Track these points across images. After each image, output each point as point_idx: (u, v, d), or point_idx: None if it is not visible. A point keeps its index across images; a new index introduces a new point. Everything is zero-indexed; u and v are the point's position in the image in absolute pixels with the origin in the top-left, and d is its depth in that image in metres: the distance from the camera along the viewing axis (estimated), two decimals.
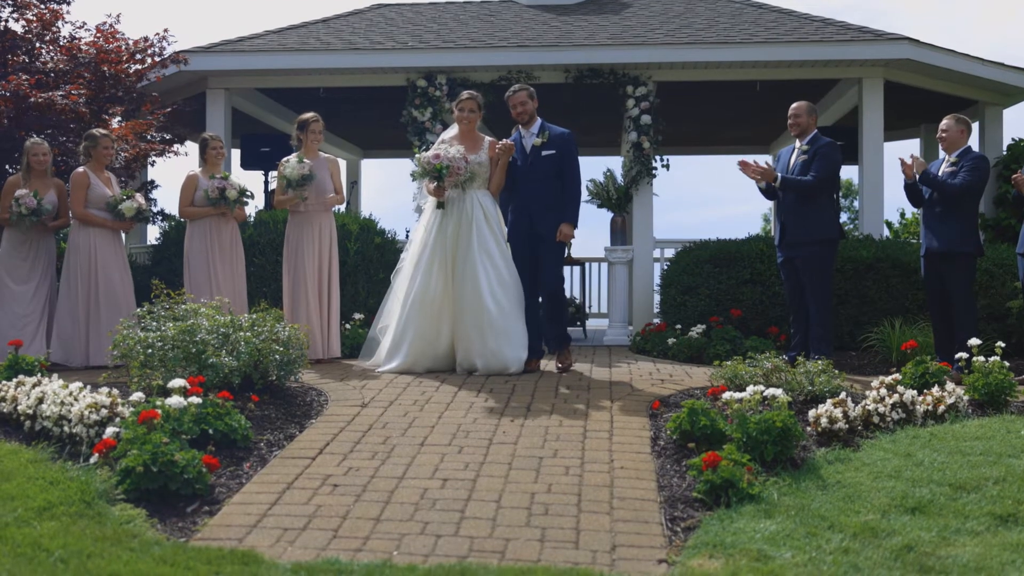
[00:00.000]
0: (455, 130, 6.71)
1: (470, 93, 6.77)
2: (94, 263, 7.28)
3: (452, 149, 6.39)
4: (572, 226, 6.58)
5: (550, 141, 6.58)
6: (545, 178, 6.56)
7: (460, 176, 6.36)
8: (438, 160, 6.30)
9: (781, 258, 7.08)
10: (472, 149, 6.55)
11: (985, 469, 4.27)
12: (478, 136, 6.71)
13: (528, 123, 6.66)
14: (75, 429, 4.67)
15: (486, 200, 6.56)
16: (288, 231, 7.35)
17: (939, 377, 5.56)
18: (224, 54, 9.67)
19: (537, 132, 6.63)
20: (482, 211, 6.47)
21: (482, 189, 6.59)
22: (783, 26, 9.83)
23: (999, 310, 8.08)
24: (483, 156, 6.57)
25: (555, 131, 6.65)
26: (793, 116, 7.05)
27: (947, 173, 6.76)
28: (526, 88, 6.71)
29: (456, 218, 6.46)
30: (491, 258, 6.38)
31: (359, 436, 4.87)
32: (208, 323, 5.30)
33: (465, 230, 6.41)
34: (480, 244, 6.37)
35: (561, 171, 6.58)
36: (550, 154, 6.56)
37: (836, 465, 4.41)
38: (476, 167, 6.50)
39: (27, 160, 7.38)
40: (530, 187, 6.59)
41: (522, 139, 6.69)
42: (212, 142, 7.57)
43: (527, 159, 6.62)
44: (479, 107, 6.71)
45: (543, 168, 6.56)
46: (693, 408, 4.64)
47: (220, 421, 4.62)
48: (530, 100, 6.65)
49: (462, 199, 6.49)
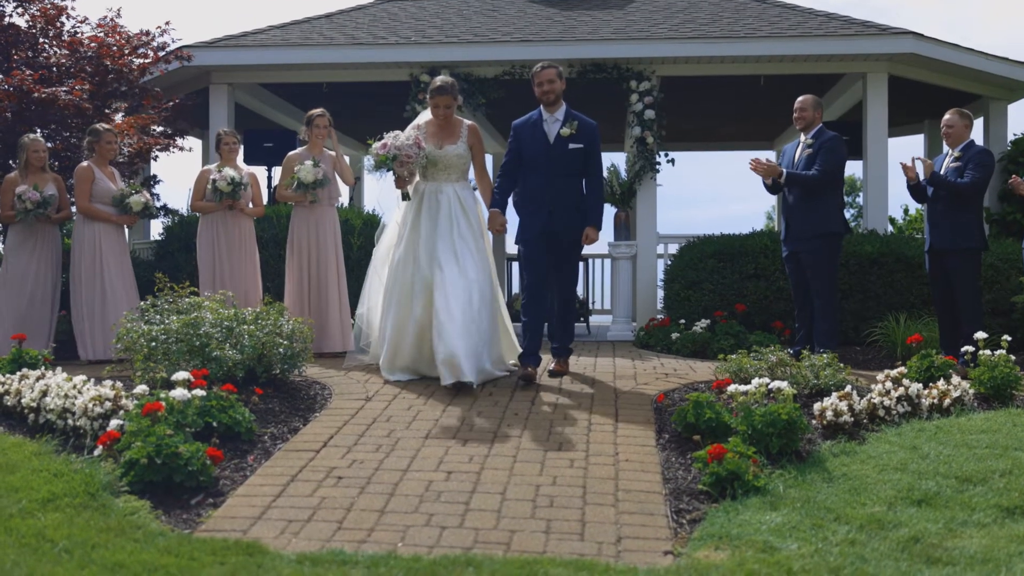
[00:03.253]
0: (430, 115, 6.14)
1: (442, 86, 5.97)
2: (98, 257, 7.28)
3: (402, 136, 5.85)
4: (597, 229, 6.01)
5: (579, 132, 5.86)
6: (570, 174, 5.90)
7: (411, 163, 5.81)
8: (385, 150, 5.80)
9: (786, 252, 7.06)
10: (448, 138, 5.99)
11: (991, 462, 4.25)
12: (456, 123, 6.07)
13: (553, 104, 5.92)
14: (79, 422, 4.67)
15: (465, 193, 6.02)
16: (292, 226, 7.35)
17: (944, 371, 5.55)
18: (227, 49, 9.66)
19: (563, 119, 5.89)
20: (460, 205, 5.93)
21: (462, 181, 6.06)
22: (787, 20, 9.80)
23: (1004, 304, 8.06)
24: (461, 146, 5.99)
25: (584, 121, 5.94)
26: (799, 110, 7.02)
27: (951, 169, 6.74)
28: (555, 66, 6.00)
29: (431, 213, 5.91)
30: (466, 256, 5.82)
31: (363, 429, 4.86)
32: (212, 316, 5.29)
33: (443, 225, 5.86)
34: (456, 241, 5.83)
35: (587, 167, 5.95)
36: (578, 148, 5.85)
37: (842, 458, 4.40)
38: (449, 158, 5.96)
39: (26, 156, 7.37)
40: (552, 182, 5.87)
41: (543, 123, 5.93)
42: (225, 137, 7.58)
43: (550, 149, 5.86)
44: (455, 99, 6.02)
45: (569, 162, 5.87)
46: (698, 401, 4.63)
47: (224, 414, 4.62)
48: (559, 79, 5.93)
49: (438, 192, 5.96)
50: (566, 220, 5.92)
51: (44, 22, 8.73)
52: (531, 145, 5.91)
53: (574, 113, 5.96)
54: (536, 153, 5.89)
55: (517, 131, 6.04)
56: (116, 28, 9.04)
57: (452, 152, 5.95)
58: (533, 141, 5.91)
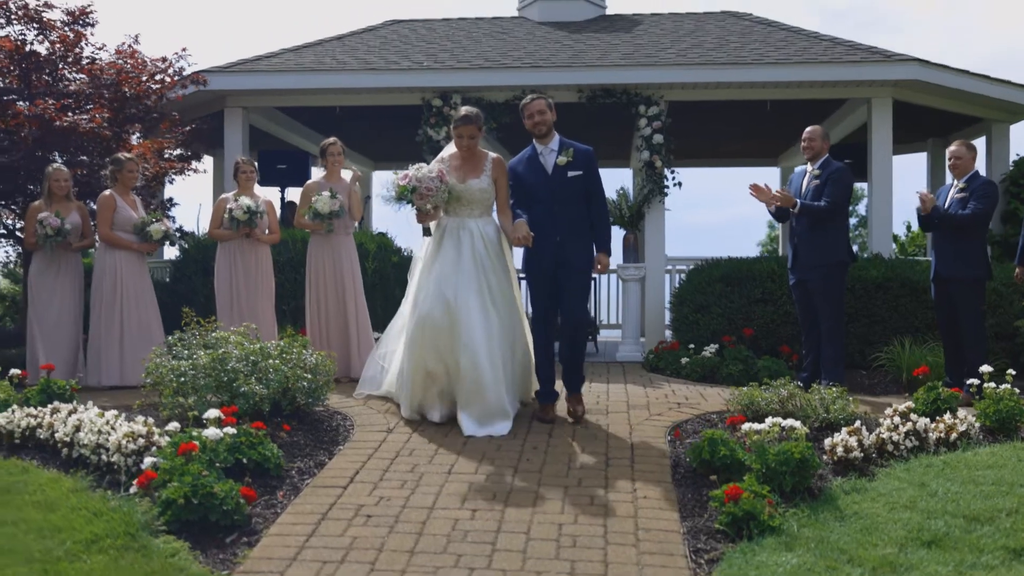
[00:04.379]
0: (455, 148, 6.01)
1: (466, 115, 5.86)
2: (120, 285, 7.44)
3: (425, 169, 5.68)
4: (608, 255, 5.91)
5: (576, 160, 5.78)
6: (572, 202, 5.80)
7: (432, 197, 5.63)
8: (405, 181, 5.64)
9: (793, 280, 7.21)
10: (472, 172, 5.85)
11: (998, 500, 4.39)
12: (480, 156, 5.93)
13: (545, 136, 5.85)
14: (113, 458, 4.81)
15: (489, 229, 5.88)
16: (310, 254, 7.52)
17: (951, 403, 5.70)
18: (242, 74, 9.82)
19: (558, 149, 5.83)
20: (483, 242, 5.79)
21: (485, 216, 5.92)
22: (793, 46, 9.96)
23: (1007, 329, 8.22)
24: (484, 180, 5.84)
25: (579, 148, 5.86)
26: (808, 140, 7.17)
27: (956, 200, 6.90)
28: (544, 97, 5.93)
29: (454, 249, 5.77)
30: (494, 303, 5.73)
31: (387, 464, 5.01)
32: (238, 351, 5.43)
33: (467, 264, 5.72)
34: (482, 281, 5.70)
35: (588, 193, 5.84)
36: (576, 175, 5.77)
37: (852, 495, 4.54)
38: (472, 192, 5.81)
39: (48, 185, 7.54)
40: (555, 211, 5.76)
41: (539, 155, 5.87)
42: (243, 166, 7.74)
43: (549, 179, 5.80)
44: (480, 129, 5.91)
45: (570, 190, 5.78)
46: (713, 438, 4.77)
47: (254, 450, 4.76)
48: (548, 110, 5.85)
49: (460, 227, 5.83)
50: (573, 247, 5.80)
51: (63, 49, 8.89)
52: (530, 180, 5.84)
53: (568, 141, 5.89)
54: (537, 186, 5.82)
55: (514, 169, 5.95)
56: (134, 54, 9.20)
57: (475, 187, 5.80)
58: (532, 175, 5.84)
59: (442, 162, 5.91)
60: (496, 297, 5.73)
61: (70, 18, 9.08)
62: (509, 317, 5.79)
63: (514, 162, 5.99)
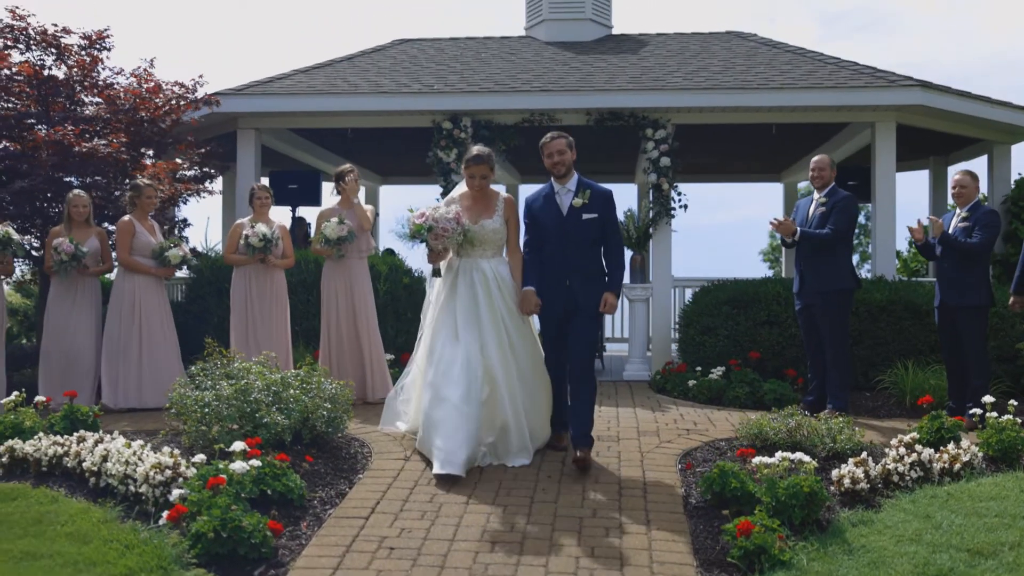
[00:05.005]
0: (465, 187, 5.94)
1: (478, 155, 5.78)
2: (138, 308, 7.59)
3: (443, 209, 5.63)
4: (616, 296, 5.76)
5: (592, 202, 5.66)
6: (586, 244, 5.67)
7: (447, 238, 5.57)
8: (422, 220, 5.58)
9: (799, 306, 7.36)
10: (484, 212, 5.78)
11: (1001, 532, 4.53)
12: (492, 195, 5.87)
13: (564, 176, 5.73)
14: (141, 488, 4.95)
15: (502, 270, 5.79)
16: (324, 278, 7.68)
17: (954, 432, 5.84)
18: (255, 96, 9.97)
19: (576, 189, 5.71)
20: (496, 283, 5.71)
21: (497, 257, 5.83)
22: (798, 69, 10.10)
23: (1009, 351, 8.36)
24: (497, 220, 5.77)
25: (597, 190, 5.74)
26: (817, 170, 7.31)
27: (960, 229, 7.05)
28: (564, 136, 5.77)
29: (468, 291, 5.70)
30: (512, 346, 5.66)
31: (406, 494, 5.14)
32: (260, 382, 5.58)
33: (483, 305, 5.65)
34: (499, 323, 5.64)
35: (604, 235, 5.73)
36: (592, 218, 5.65)
37: (860, 528, 4.68)
38: (486, 233, 5.74)
39: (68, 210, 7.70)
40: (569, 254, 5.65)
41: (555, 194, 5.76)
42: (258, 192, 7.90)
43: (564, 221, 5.68)
44: (492, 169, 5.84)
45: (585, 233, 5.65)
46: (724, 471, 4.92)
47: (278, 482, 4.90)
48: (569, 150, 5.72)
49: (473, 268, 5.74)
50: (586, 290, 5.67)
51: (81, 73, 9.04)
52: (545, 219, 5.72)
53: (586, 182, 5.76)
54: (550, 226, 5.70)
55: (529, 206, 5.87)
56: (150, 77, 9.36)
57: (489, 227, 5.73)
58: (547, 215, 5.72)
59: (453, 202, 5.83)
60: (515, 341, 5.66)
61: (86, 42, 9.22)
62: (529, 358, 5.73)
63: (531, 198, 5.91)
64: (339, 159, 13.06)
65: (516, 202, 5.99)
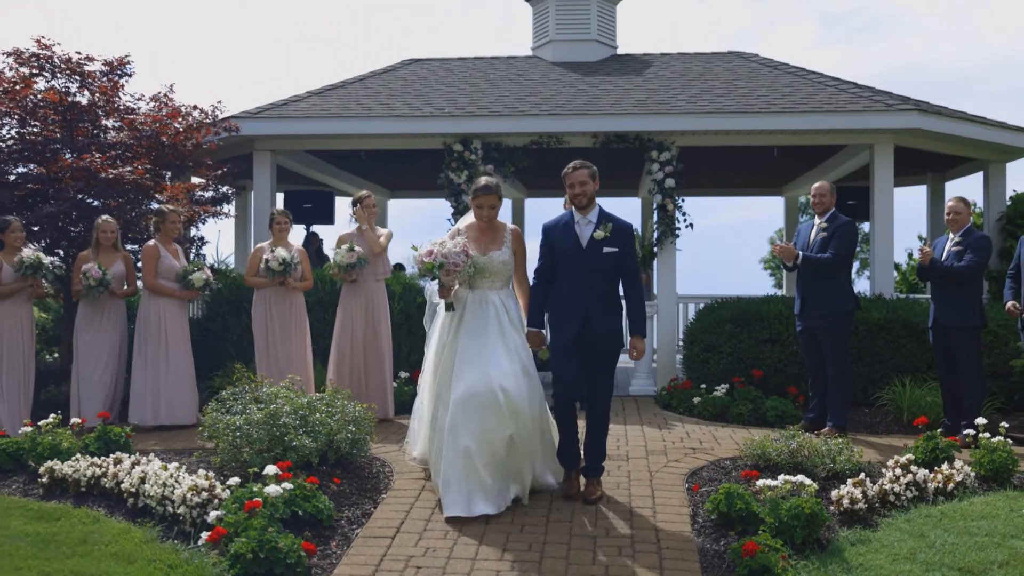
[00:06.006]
0: (472, 218, 5.85)
1: (487, 185, 5.67)
2: (163, 329, 7.90)
3: (449, 243, 5.54)
4: (643, 337, 5.72)
5: (613, 236, 5.54)
6: (603, 278, 5.56)
7: (458, 272, 5.52)
8: (431, 258, 5.50)
9: (800, 327, 7.65)
10: (492, 244, 5.69)
11: (991, 551, 4.82)
12: (499, 227, 5.77)
13: (586, 207, 5.60)
14: (178, 510, 5.24)
15: (510, 302, 5.71)
16: (342, 300, 7.98)
17: (948, 452, 6.12)
18: (271, 120, 10.27)
19: (597, 221, 5.58)
20: (507, 315, 5.62)
21: (506, 289, 5.75)
22: (798, 92, 10.39)
23: (1003, 368, 8.65)
24: (505, 252, 5.68)
25: (619, 223, 5.60)
26: (818, 196, 7.61)
27: (953, 252, 7.36)
28: (588, 166, 5.64)
29: (479, 324, 5.58)
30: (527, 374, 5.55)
31: (428, 513, 5.43)
32: (288, 406, 5.87)
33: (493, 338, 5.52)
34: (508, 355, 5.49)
35: (623, 270, 5.63)
36: (612, 251, 5.53)
37: (858, 547, 4.96)
38: (495, 265, 5.65)
39: (96, 236, 8.00)
40: (586, 287, 5.54)
41: (575, 225, 5.61)
42: (278, 217, 8.21)
43: (583, 253, 5.55)
44: (500, 199, 5.74)
45: (604, 266, 5.54)
46: (730, 492, 5.20)
47: (308, 503, 5.19)
48: (591, 181, 5.59)
49: (483, 300, 5.64)
50: (602, 327, 5.56)
51: (104, 99, 9.34)
52: (563, 249, 5.60)
53: (608, 214, 5.63)
54: (568, 257, 5.58)
55: (547, 233, 5.74)
56: (170, 102, 9.66)
57: (497, 259, 5.65)
58: (565, 244, 5.60)
59: (459, 234, 5.72)
60: (529, 368, 5.58)
61: (108, 68, 9.52)
62: (532, 396, 5.56)
63: (549, 224, 5.77)
64: (352, 177, 13.39)
65: (522, 233, 5.94)
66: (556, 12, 12.53)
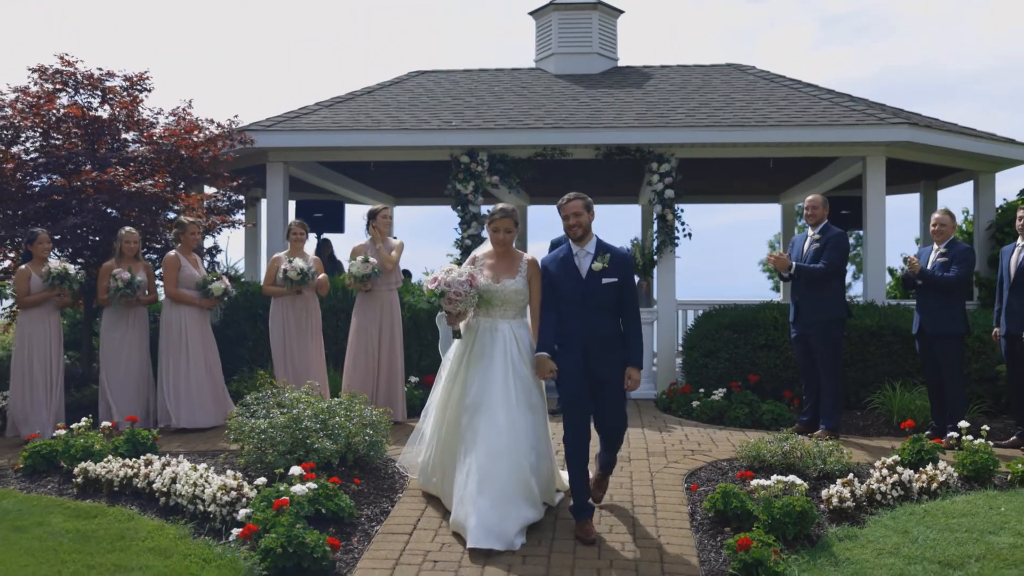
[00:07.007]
0: (488, 246, 5.82)
1: (504, 209, 5.66)
2: (185, 336, 8.25)
3: (455, 272, 5.58)
4: (639, 368, 5.56)
5: (612, 266, 5.46)
6: (604, 309, 5.49)
7: (460, 301, 5.53)
8: (435, 285, 5.56)
9: (795, 334, 8.00)
10: (506, 272, 5.63)
11: (969, 546, 5.17)
12: (516, 256, 5.70)
13: (582, 239, 5.52)
14: (209, 508, 5.59)
15: (522, 332, 5.64)
16: (356, 309, 8.34)
17: (932, 454, 6.48)
18: (284, 132, 10.62)
19: (595, 253, 5.51)
20: (516, 345, 5.58)
21: (519, 318, 5.68)
22: (794, 105, 10.75)
23: (989, 372, 9.00)
24: (520, 281, 5.60)
25: (617, 254, 5.52)
26: (811, 208, 7.96)
27: (939, 264, 7.71)
28: (582, 197, 5.55)
29: (484, 354, 5.59)
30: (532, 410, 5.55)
31: (443, 511, 5.78)
32: (310, 411, 6.22)
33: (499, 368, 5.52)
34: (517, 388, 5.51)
35: (622, 300, 5.53)
36: (612, 282, 5.46)
37: (845, 542, 5.31)
38: (507, 293, 5.60)
39: (120, 246, 8.36)
40: (586, 319, 5.46)
41: (574, 257, 5.54)
42: (295, 228, 8.56)
43: (583, 284, 5.47)
44: (516, 224, 5.68)
45: (603, 298, 5.47)
46: (726, 491, 5.56)
47: (331, 502, 5.55)
48: (586, 212, 5.51)
49: (493, 329, 5.62)
50: (603, 357, 5.50)
51: (124, 114, 9.69)
52: (562, 282, 5.53)
53: (606, 245, 5.56)
54: (568, 290, 5.50)
55: (546, 267, 5.67)
56: (189, 116, 10.02)
57: (511, 287, 5.59)
58: (565, 277, 5.53)
59: (474, 263, 5.75)
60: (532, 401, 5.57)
61: (128, 83, 9.87)
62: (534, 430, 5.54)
63: (547, 259, 5.74)
64: (361, 186, 13.76)
65: (539, 264, 5.73)
66: (559, 26, 12.89)
